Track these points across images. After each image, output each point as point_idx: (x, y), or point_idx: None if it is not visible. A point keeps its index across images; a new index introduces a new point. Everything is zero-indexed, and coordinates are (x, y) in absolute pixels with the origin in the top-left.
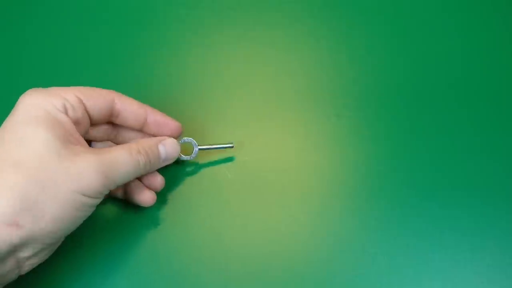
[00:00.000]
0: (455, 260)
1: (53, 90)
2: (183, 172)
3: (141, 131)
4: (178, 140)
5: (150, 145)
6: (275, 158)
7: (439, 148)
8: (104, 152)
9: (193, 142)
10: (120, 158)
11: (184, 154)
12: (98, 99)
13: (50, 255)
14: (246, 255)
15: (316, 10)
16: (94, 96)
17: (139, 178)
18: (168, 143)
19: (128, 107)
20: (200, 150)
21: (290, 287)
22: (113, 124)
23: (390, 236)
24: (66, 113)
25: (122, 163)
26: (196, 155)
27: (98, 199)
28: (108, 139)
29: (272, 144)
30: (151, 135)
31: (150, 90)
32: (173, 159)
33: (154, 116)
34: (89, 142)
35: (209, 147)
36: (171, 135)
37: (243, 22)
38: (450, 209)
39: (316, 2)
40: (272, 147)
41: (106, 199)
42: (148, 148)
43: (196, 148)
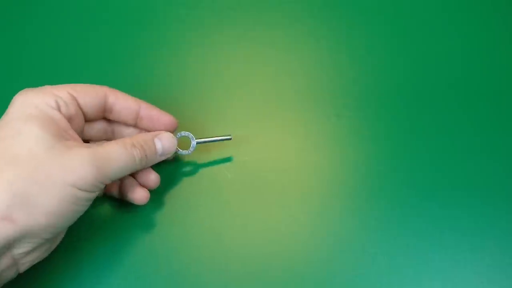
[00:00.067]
0: (455, 260)
1: (46, 88)
2: (183, 172)
3: (136, 128)
4: (175, 134)
5: (145, 139)
6: (275, 158)
7: (439, 148)
8: (98, 146)
9: (190, 135)
10: (114, 152)
11: (182, 149)
12: (91, 95)
13: (49, 252)
14: (246, 255)
15: (316, 10)
16: (87, 92)
17: (134, 176)
18: (164, 137)
19: (121, 101)
20: (198, 145)
21: (290, 287)
22: (108, 121)
23: (390, 236)
24: (59, 110)
25: (116, 157)
26: (194, 149)
27: (93, 193)
28: (106, 138)
29: (272, 144)
30: (147, 131)
31: (150, 90)
32: (170, 154)
33: (149, 111)
34: (86, 142)
35: (206, 140)
36: (166, 130)
37: (243, 22)
38: (450, 209)
39: (316, 2)
40: (272, 147)
41: (104, 199)
42: (143, 142)
43: (193, 142)
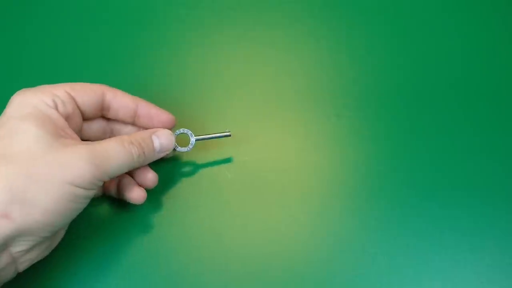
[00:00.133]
0: (455, 260)
1: (43, 87)
2: (183, 172)
3: (135, 126)
4: (173, 131)
5: (142, 136)
6: (275, 158)
7: (439, 148)
8: (96, 143)
9: (189, 132)
10: (111, 149)
11: (181, 146)
12: (89, 93)
13: (49, 251)
14: (246, 255)
15: (316, 10)
16: (84, 90)
17: (132, 175)
18: (161, 134)
19: (118, 99)
20: (197, 143)
21: (290, 287)
22: (107, 120)
23: (390, 236)
24: (57, 108)
25: (114, 154)
26: (193, 146)
27: (91, 191)
28: (104, 137)
29: (272, 144)
30: (145, 129)
31: (150, 90)
32: (168, 151)
33: (147, 109)
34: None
35: (205, 137)
36: (164, 128)
37: (243, 22)
38: (450, 209)
39: (316, 2)
40: (272, 147)
41: (103, 199)
42: (141, 140)
43: (192, 139)
